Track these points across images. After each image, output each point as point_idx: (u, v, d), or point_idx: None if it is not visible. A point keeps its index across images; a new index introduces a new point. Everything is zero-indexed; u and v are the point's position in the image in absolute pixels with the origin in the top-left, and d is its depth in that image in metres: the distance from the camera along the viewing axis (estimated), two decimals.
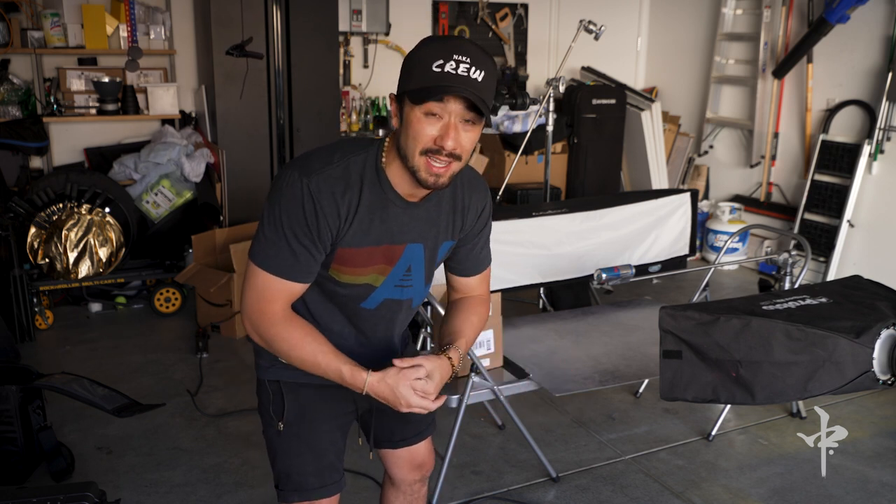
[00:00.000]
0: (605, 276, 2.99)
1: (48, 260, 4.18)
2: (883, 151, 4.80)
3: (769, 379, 2.13)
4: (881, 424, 3.38)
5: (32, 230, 4.13)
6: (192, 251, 4.43)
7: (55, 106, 4.72)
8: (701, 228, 5.62)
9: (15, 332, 3.98)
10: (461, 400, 2.63)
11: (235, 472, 2.91)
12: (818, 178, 5.12)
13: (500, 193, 4.37)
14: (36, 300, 4.22)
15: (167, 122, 4.99)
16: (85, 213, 4.20)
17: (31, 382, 2.82)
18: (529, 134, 4.41)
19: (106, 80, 4.72)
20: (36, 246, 4.15)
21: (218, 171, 4.75)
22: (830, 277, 4.91)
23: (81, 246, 4.22)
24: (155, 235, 4.66)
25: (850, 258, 4.95)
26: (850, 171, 4.89)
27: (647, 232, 3.46)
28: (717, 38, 5.85)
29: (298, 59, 4.80)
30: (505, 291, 3.07)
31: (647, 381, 3.45)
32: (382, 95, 5.63)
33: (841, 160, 4.98)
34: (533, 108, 5.01)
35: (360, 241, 1.52)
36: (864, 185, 4.87)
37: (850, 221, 4.89)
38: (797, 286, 3.14)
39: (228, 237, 4.35)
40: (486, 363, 2.76)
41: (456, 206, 1.63)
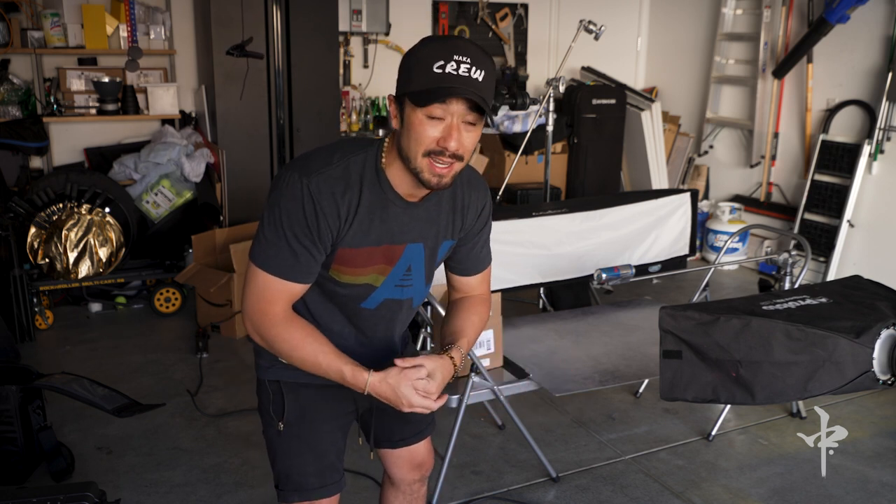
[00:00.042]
0: (605, 276, 2.99)
1: (48, 260, 4.18)
2: (883, 151, 4.80)
3: (769, 379, 2.13)
4: (881, 424, 3.38)
5: (32, 230, 4.13)
6: (192, 251, 4.43)
7: (55, 106, 4.72)
8: (701, 228, 5.62)
9: (15, 332, 3.98)
10: (461, 400, 2.63)
11: (235, 472, 2.91)
12: (818, 178, 5.12)
13: (500, 193, 4.36)
14: (36, 300, 4.22)
15: (167, 122, 4.99)
16: (85, 213, 4.20)
17: (31, 382, 2.82)
18: (529, 134, 4.41)
19: (106, 80, 4.72)
20: (36, 246, 4.15)
21: (218, 171, 4.75)
22: (830, 277, 4.91)
23: (81, 246, 4.22)
24: (155, 235, 4.66)
25: (850, 258, 4.95)
26: (850, 171, 4.89)
27: (647, 232, 3.46)
28: (717, 38, 5.85)
29: (298, 59, 4.80)
30: (505, 291, 3.07)
31: (647, 381, 3.45)
32: (382, 95, 5.63)
33: (841, 160, 4.98)
34: (533, 108, 5.01)
35: (360, 241, 1.52)
36: (864, 185, 4.88)
37: (850, 221, 4.89)
38: (797, 286, 3.14)
39: (228, 237, 4.35)
40: (486, 363, 2.76)
41: (456, 205, 1.63)
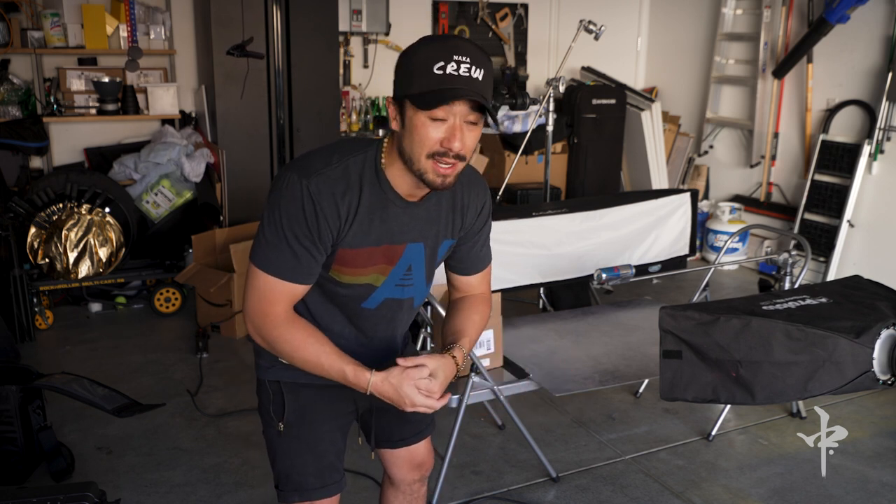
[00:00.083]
0: (605, 276, 2.99)
1: (48, 260, 4.18)
2: (883, 151, 4.80)
3: (769, 379, 2.13)
4: (881, 424, 3.38)
5: (32, 230, 4.13)
6: (192, 251, 4.43)
7: (55, 106, 4.72)
8: (701, 228, 5.62)
9: (15, 332, 3.98)
10: (461, 400, 2.63)
11: (235, 472, 2.91)
12: (818, 178, 5.12)
13: (500, 193, 4.37)
14: (36, 300, 4.22)
15: (167, 122, 4.99)
16: (85, 213, 4.20)
17: (31, 382, 2.82)
18: (529, 134, 4.41)
19: (106, 80, 4.72)
20: (36, 246, 4.15)
21: (218, 171, 4.75)
22: (830, 277, 4.91)
23: (81, 246, 4.22)
24: (155, 235, 4.67)
25: (850, 258, 4.95)
26: (850, 171, 4.89)
27: (647, 232, 3.46)
28: (717, 38, 5.85)
29: (298, 59, 4.80)
30: (505, 291, 3.07)
31: (647, 381, 3.45)
32: (382, 95, 5.63)
33: (841, 160, 4.98)
34: (533, 108, 5.01)
35: (360, 241, 1.52)
36: (864, 185, 4.87)
37: (850, 221, 4.89)
38: (797, 286, 3.14)
39: (228, 237, 4.35)
40: (486, 363, 2.76)
41: (455, 204, 1.63)
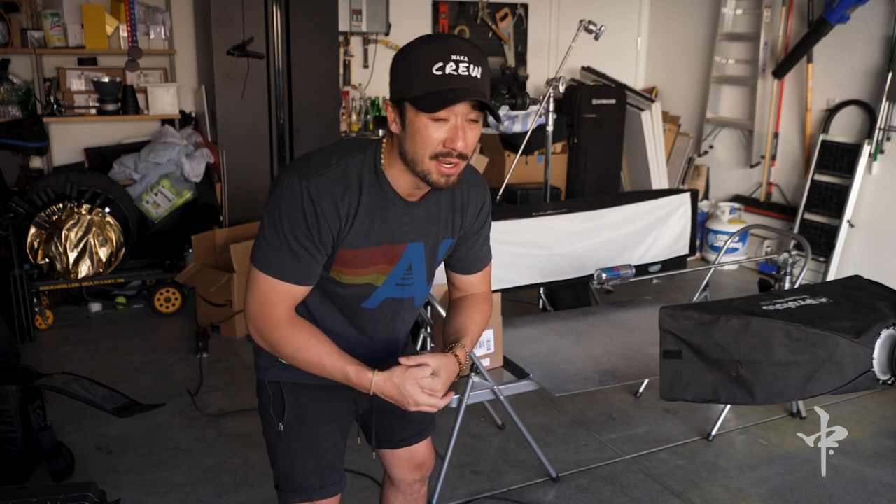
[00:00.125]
0: (605, 276, 2.99)
1: (48, 260, 4.18)
2: (883, 151, 4.80)
3: (769, 379, 2.13)
4: (881, 424, 3.38)
5: (32, 230, 4.13)
6: (192, 251, 4.43)
7: (55, 106, 4.72)
8: (701, 228, 5.62)
9: (15, 332, 3.98)
10: (461, 400, 2.64)
11: (235, 472, 2.91)
12: (818, 178, 5.11)
13: (500, 193, 4.36)
14: (36, 300, 4.22)
15: (167, 122, 4.99)
16: (85, 213, 4.20)
17: (31, 382, 2.82)
18: (529, 134, 4.41)
19: (106, 80, 4.72)
20: (36, 246, 4.15)
21: (218, 171, 4.75)
22: (830, 277, 4.91)
23: (81, 246, 4.22)
24: (155, 235, 4.67)
25: (850, 258, 4.95)
26: (850, 171, 4.89)
27: (647, 232, 3.46)
28: (717, 38, 5.85)
29: (298, 59, 4.80)
30: (505, 291, 3.07)
31: (647, 381, 3.45)
32: (382, 95, 5.63)
33: (841, 160, 4.98)
34: (533, 108, 5.01)
35: (360, 241, 1.52)
36: (864, 185, 4.87)
37: (850, 221, 4.89)
38: (797, 286, 3.14)
39: (228, 237, 4.35)
40: (486, 363, 2.76)
41: (455, 203, 1.63)
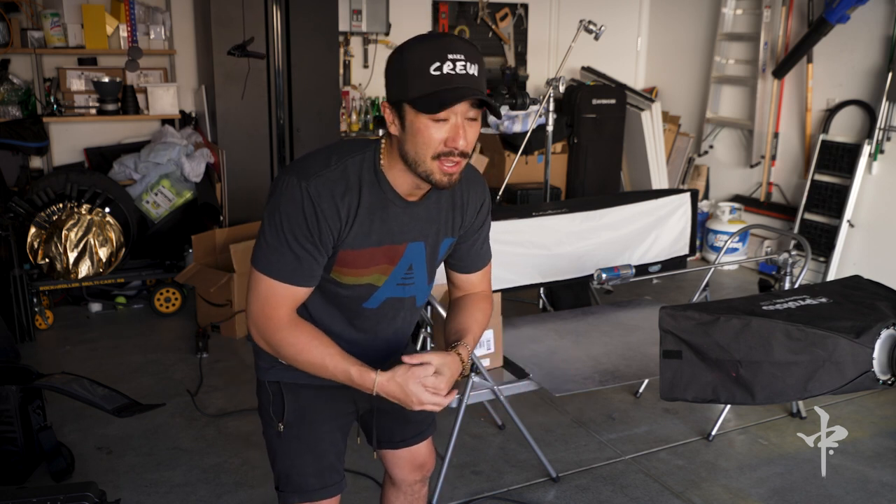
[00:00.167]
0: (605, 276, 2.99)
1: (48, 260, 4.18)
2: (883, 151, 4.80)
3: (769, 379, 2.13)
4: (881, 424, 3.38)
5: (32, 230, 4.13)
6: (192, 251, 4.43)
7: (55, 106, 4.72)
8: (701, 228, 5.62)
9: (15, 332, 3.98)
10: (461, 400, 2.64)
11: (235, 472, 2.91)
12: (818, 178, 5.12)
13: (500, 193, 4.36)
14: (36, 300, 4.22)
15: (167, 122, 4.99)
16: (85, 213, 4.20)
17: (31, 382, 2.82)
18: (529, 134, 4.41)
19: (106, 80, 4.72)
20: (36, 246, 4.15)
21: (218, 171, 4.75)
22: (830, 277, 4.91)
23: (81, 246, 4.22)
24: (155, 235, 4.67)
25: (850, 258, 4.95)
26: (850, 171, 4.89)
27: (647, 232, 3.46)
28: (717, 38, 5.85)
29: (298, 59, 4.80)
30: (505, 291, 3.07)
31: (647, 381, 3.45)
32: (382, 95, 5.63)
33: (841, 160, 4.98)
34: (533, 108, 5.01)
35: (361, 242, 1.52)
36: (864, 185, 4.87)
37: (850, 221, 4.89)
38: (797, 286, 3.14)
39: (228, 237, 4.35)
40: (486, 363, 2.76)
41: (455, 202, 1.63)
